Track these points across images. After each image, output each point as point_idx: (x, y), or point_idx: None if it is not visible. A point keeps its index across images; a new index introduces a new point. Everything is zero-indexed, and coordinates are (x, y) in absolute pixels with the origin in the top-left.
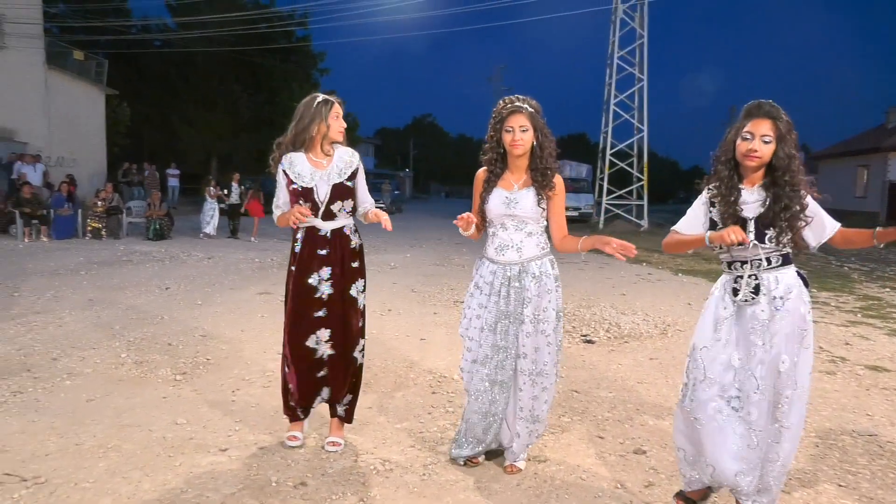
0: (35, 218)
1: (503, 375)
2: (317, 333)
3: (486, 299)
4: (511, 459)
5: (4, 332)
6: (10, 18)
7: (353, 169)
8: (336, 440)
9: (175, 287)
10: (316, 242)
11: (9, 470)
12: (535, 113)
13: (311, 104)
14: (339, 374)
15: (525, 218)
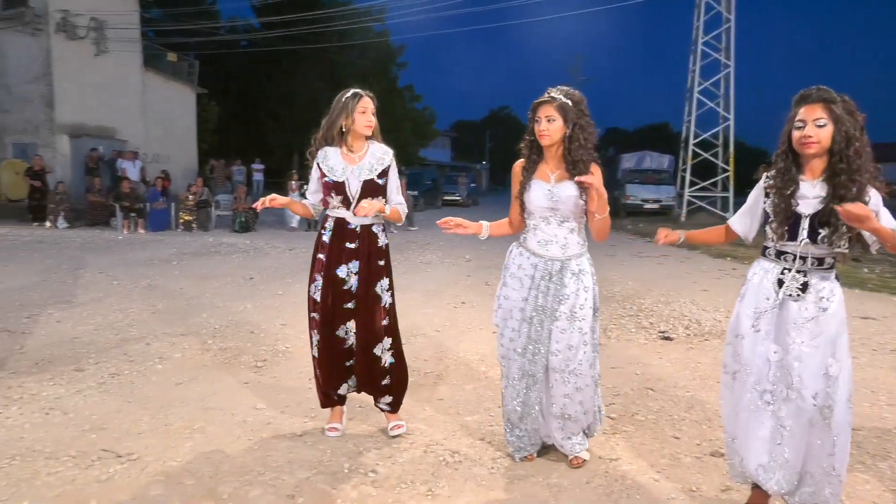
0: (133, 211)
1: (536, 368)
2: (346, 324)
3: (527, 292)
4: (569, 452)
5: (105, 318)
6: (111, 25)
7: (385, 166)
8: (397, 423)
9: (258, 277)
10: (345, 235)
11: (106, 446)
12: (569, 104)
13: (341, 98)
14: (364, 372)
15: (567, 213)
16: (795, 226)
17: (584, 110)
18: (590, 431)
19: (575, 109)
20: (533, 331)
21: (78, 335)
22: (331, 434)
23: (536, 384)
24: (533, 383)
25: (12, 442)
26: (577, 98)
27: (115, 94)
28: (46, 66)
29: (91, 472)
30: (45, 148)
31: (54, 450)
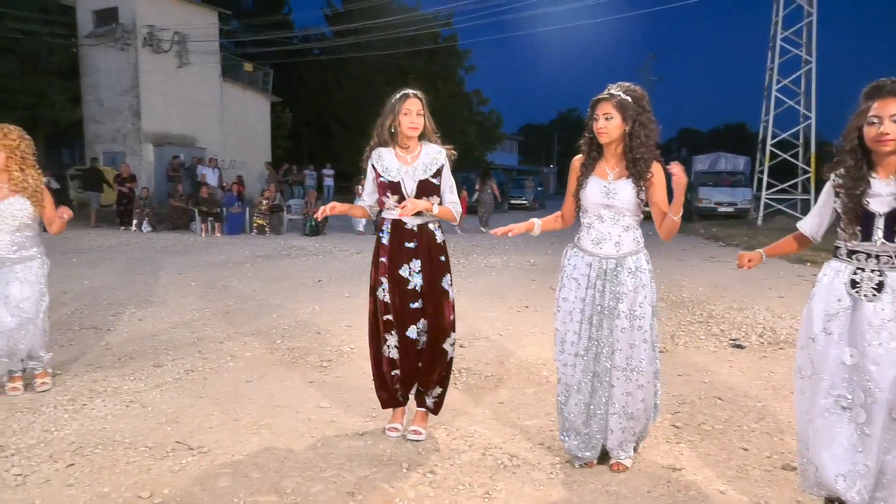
0: (211, 215)
1: (599, 368)
2: (417, 325)
3: (584, 292)
4: (615, 457)
5: (182, 317)
6: (193, 38)
7: (439, 166)
8: (418, 429)
9: (326, 280)
10: (403, 235)
11: (179, 439)
12: (629, 101)
13: (391, 100)
14: (428, 366)
15: (623, 210)
16: (868, 225)
17: (645, 107)
18: (644, 433)
19: (635, 106)
20: (593, 330)
21: (157, 333)
22: (390, 434)
23: (602, 384)
24: (598, 383)
25: (96, 432)
26: (637, 94)
27: (196, 103)
28: (134, 79)
29: (165, 462)
30: (132, 156)
31: (133, 440)
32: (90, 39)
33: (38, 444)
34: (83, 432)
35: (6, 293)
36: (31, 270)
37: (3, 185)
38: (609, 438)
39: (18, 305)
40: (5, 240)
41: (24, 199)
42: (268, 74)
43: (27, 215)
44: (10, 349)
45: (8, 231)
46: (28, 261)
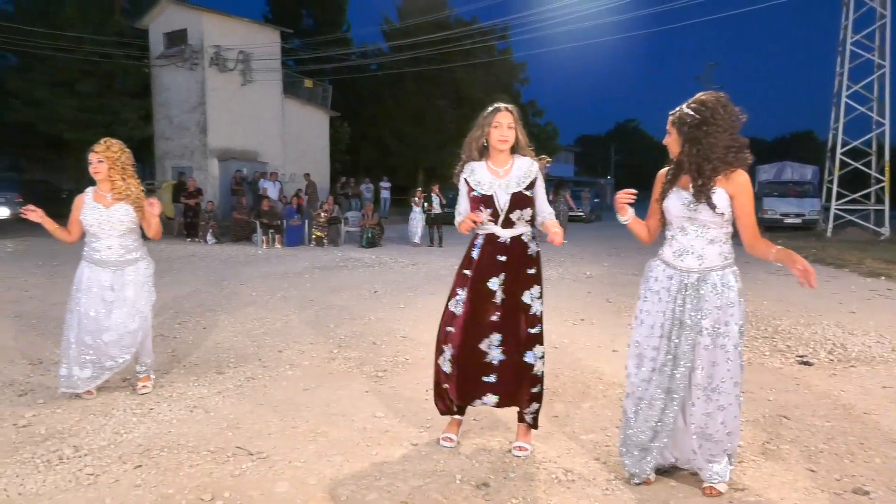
0: (271, 228)
1: (675, 385)
2: (490, 337)
3: (664, 305)
4: (707, 480)
5: (243, 326)
6: (256, 57)
7: (532, 179)
8: (523, 445)
9: (382, 291)
10: (496, 249)
11: (240, 444)
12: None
13: (483, 113)
14: (510, 380)
15: (707, 222)
16: None
17: (707, 120)
18: (733, 458)
19: (695, 121)
20: (672, 346)
21: (220, 341)
22: (445, 444)
23: (674, 402)
24: (670, 401)
25: (162, 435)
26: (700, 107)
27: (258, 119)
28: (201, 97)
29: (226, 467)
30: (199, 171)
31: (196, 444)
32: (161, 60)
33: (109, 445)
34: (150, 435)
35: (124, 296)
36: (139, 272)
37: (108, 194)
38: (693, 460)
39: (135, 306)
40: (115, 244)
41: (127, 206)
42: (327, 90)
43: (131, 220)
44: (130, 349)
45: (116, 236)
46: (135, 262)
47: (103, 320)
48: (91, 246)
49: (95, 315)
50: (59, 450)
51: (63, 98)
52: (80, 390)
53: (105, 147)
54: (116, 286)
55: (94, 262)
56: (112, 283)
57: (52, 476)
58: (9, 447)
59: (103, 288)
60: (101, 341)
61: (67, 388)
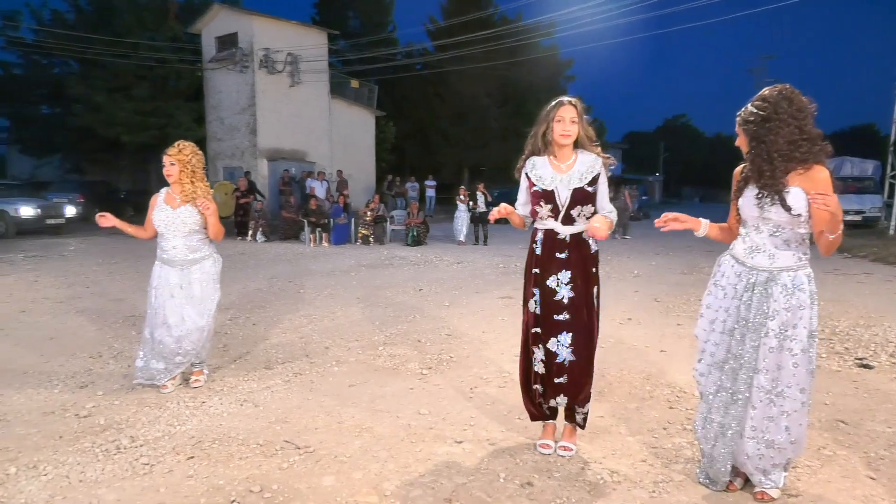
0: (319, 226)
1: (736, 385)
2: (558, 337)
3: (730, 302)
4: (758, 484)
5: (291, 323)
6: (304, 58)
7: (595, 174)
8: (569, 445)
9: (427, 289)
10: (555, 245)
11: (288, 438)
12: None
13: (546, 108)
14: (577, 380)
15: (780, 223)
16: None
17: (770, 116)
18: (789, 465)
19: (758, 118)
20: (734, 344)
21: (268, 337)
22: (543, 451)
23: (736, 403)
24: (731, 402)
25: (213, 427)
26: (762, 104)
27: (306, 120)
28: (251, 99)
29: (274, 460)
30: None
31: (245, 437)
32: (213, 64)
33: (163, 436)
34: (202, 428)
35: (191, 294)
36: (204, 269)
37: (177, 196)
38: (746, 464)
39: (202, 303)
40: (180, 244)
41: (192, 209)
42: (373, 90)
43: (195, 222)
44: (198, 344)
45: (182, 236)
46: (202, 261)
47: (172, 316)
48: (160, 245)
49: (165, 311)
50: (117, 440)
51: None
52: (157, 382)
53: (177, 150)
54: (184, 284)
55: (163, 261)
56: (180, 282)
57: (110, 465)
58: (70, 436)
59: (172, 286)
60: (170, 337)
61: (144, 380)
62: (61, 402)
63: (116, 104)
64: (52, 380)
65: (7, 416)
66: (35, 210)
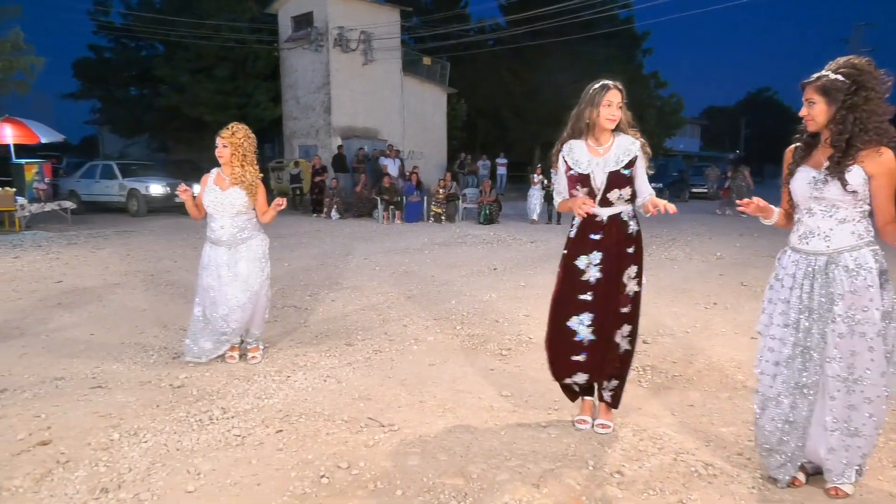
0: (392, 204)
1: (807, 379)
2: (580, 316)
3: (789, 293)
4: (830, 480)
5: (368, 300)
6: (377, 36)
7: (631, 157)
8: (605, 423)
9: (501, 268)
10: (590, 227)
11: (372, 415)
12: (837, 81)
13: (589, 90)
14: (597, 358)
15: (835, 201)
16: None
17: (865, 84)
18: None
19: (846, 86)
20: (800, 336)
21: (347, 314)
22: (580, 426)
23: (806, 398)
24: (801, 397)
25: (299, 402)
26: (855, 71)
27: (379, 98)
28: (326, 77)
29: (360, 436)
30: (323, 149)
31: (331, 413)
32: (289, 43)
33: (252, 409)
34: (289, 402)
35: (236, 271)
36: (251, 248)
37: (227, 178)
38: (831, 458)
39: (246, 281)
40: (227, 224)
41: (241, 191)
42: (445, 67)
43: (243, 204)
44: (241, 321)
45: (229, 216)
46: (249, 240)
47: (218, 295)
48: (209, 225)
49: (212, 290)
50: (209, 411)
51: (203, 82)
52: (203, 360)
53: (230, 133)
54: (231, 263)
55: (212, 240)
56: (227, 261)
57: (204, 435)
58: (167, 405)
59: (219, 265)
60: (216, 315)
61: (191, 357)
62: (156, 372)
63: (199, 84)
64: (148, 350)
65: (108, 383)
66: (164, 188)
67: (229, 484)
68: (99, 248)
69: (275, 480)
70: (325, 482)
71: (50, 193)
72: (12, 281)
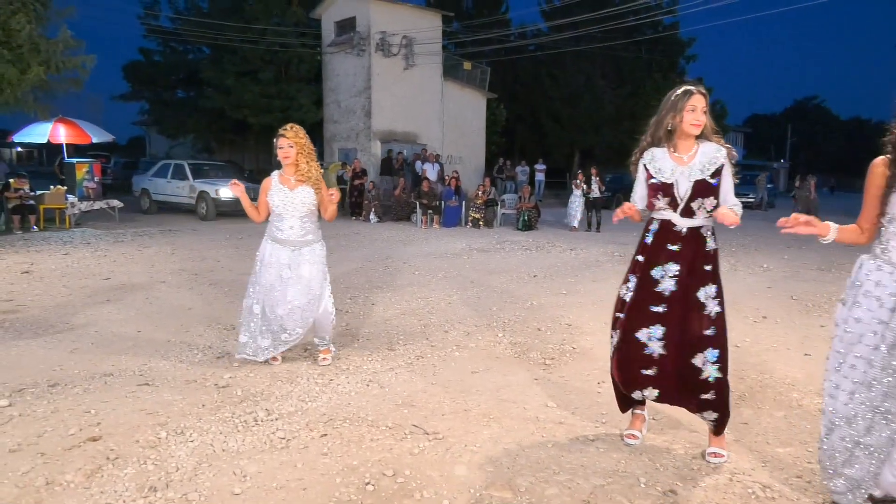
0: (430, 208)
1: (891, 405)
2: (650, 328)
3: (889, 314)
4: None
5: (409, 304)
6: (418, 41)
7: (718, 166)
8: (719, 452)
9: (541, 275)
10: (668, 237)
11: (416, 422)
12: None
13: (670, 96)
14: (672, 378)
15: None
16: None
17: None
18: None
19: None
20: (894, 360)
21: (388, 318)
22: (629, 441)
23: (890, 424)
24: (883, 422)
25: (342, 406)
26: None
27: (419, 102)
28: (367, 82)
29: (405, 444)
30: (362, 152)
31: (375, 419)
32: (332, 48)
33: (296, 412)
34: (332, 406)
35: (300, 274)
36: (314, 252)
37: (291, 177)
38: None
39: (308, 285)
40: (296, 225)
41: (308, 189)
42: (485, 72)
43: (311, 202)
44: (300, 324)
45: (297, 217)
46: (313, 244)
47: (279, 295)
48: (275, 225)
49: (273, 289)
50: (254, 412)
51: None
52: (259, 358)
53: (294, 133)
54: (293, 264)
55: (276, 240)
56: (290, 262)
57: (249, 436)
58: (212, 405)
59: (281, 265)
60: (276, 314)
61: (246, 355)
62: (202, 371)
63: (244, 87)
64: (193, 349)
65: (155, 381)
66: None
67: (275, 487)
68: (145, 247)
69: (320, 485)
70: (370, 489)
71: (99, 192)
72: (63, 277)
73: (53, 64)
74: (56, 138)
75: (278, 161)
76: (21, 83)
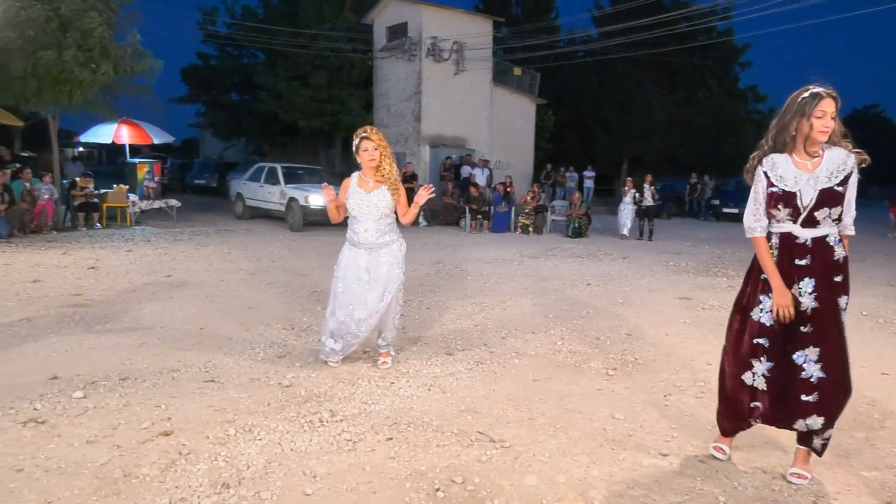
0: (479, 213)
1: None
2: (804, 351)
3: None
4: None
5: (464, 310)
6: (468, 47)
7: (847, 173)
8: (803, 473)
9: (595, 283)
10: (793, 251)
11: (481, 429)
12: None
13: (796, 99)
14: (827, 400)
15: None
16: None
17: None
18: None
19: None
20: None
21: (444, 322)
22: (717, 455)
23: None
24: None
25: (405, 410)
26: None
27: (468, 107)
28: (417, 86)
29: (471, 451)
30: (412, 156)
31: (439, 424)
32: (383, 53)
33: (360, 414)
34: (395, 409)
35: (377, 276)
36: (392, 252)
37: (371, 179)
38: None
39: (386, 286)
40: (372, 227)
41: (385, 192)
42: (534, 78)
43: (387, 205)
44: (373, 325)
45: (373, 219)
46: (390, 244)
47: (357, 299)
48: (352, 228)
49: (351, 293)
50: (318, 412)
51: (298, 89)
52: (332, 361)
53: (378, 136)
54: (371, 267)
55: (354, 243)
56: (367, 265)
57: (316, 437)
58: (277, 404)
59: (360, 269)
60: (352, 318)
61: (325, 357)
62: (264, 369)
63: (295, 91)
64: (255, 347)
65: (220, 378)
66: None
67: (345, 490)
68: (202, 246)
69: (390, 490)
70: (440, 496)
71: (158, 191)
72: (127, 273)
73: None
74: (120, 139)
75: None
76: (92, 84)
